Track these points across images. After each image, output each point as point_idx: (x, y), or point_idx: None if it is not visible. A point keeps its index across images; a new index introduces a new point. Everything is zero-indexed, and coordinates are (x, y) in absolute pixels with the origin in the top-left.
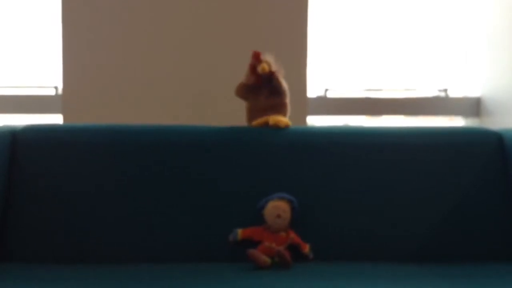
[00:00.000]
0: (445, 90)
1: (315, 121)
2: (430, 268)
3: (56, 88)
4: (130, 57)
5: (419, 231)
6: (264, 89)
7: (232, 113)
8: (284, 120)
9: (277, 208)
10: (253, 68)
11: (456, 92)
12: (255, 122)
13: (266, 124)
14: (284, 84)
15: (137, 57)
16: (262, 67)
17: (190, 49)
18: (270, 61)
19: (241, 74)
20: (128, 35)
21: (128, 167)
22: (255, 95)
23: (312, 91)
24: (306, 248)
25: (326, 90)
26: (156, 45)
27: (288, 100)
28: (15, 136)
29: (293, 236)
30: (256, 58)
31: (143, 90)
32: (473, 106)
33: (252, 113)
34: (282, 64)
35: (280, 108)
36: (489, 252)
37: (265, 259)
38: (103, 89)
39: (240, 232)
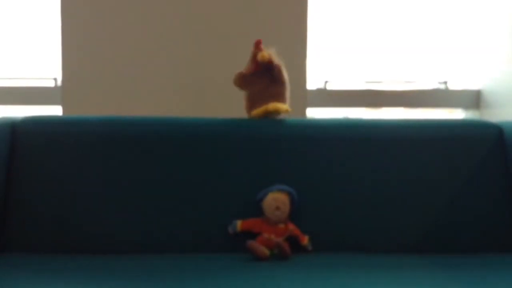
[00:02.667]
0: (445, 83)
1: (314, 113)
2: (429, 259)
3: (55, 79)
4: (130, 49)
5: (419, 223)
6: (264, 77)
7: (232, 106)
8: (284, 106)
9: (276, 200)
10: (254, 57)
11: (456, 84)
12: (255, 111)
13: (266, 112)
14: (285, 75)
15: (136, 49)
16: (262, 55)
17: (190, 40)
18: (271, 52)
19: (241, 66)
20: (127, 26)
21: (127, 158)
22: (254, 84)
23: (312, 83)
24: (305, 240)
25: (326, 82)
26: (156, 36)
27: (287, 91)
28: (15, 127)
29: (292, 228)
30: (257, 46)
31: (143, 82)
32: (473, 99)
33: (251, 102)
34: (282, 56)
35: (279, 97)
36: (488, 245)
37: (264, 250)
38: (103, 80)
39: (239, 224)
